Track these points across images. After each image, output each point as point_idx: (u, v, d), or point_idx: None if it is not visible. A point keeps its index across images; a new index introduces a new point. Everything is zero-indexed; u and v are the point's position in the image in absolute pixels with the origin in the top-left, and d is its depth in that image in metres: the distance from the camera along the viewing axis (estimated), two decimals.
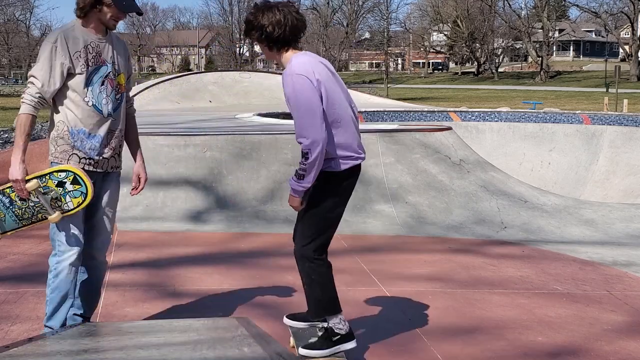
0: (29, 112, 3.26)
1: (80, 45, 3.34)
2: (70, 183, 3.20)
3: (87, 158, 3.38)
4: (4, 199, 3.31)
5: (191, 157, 7.35)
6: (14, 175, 3.24)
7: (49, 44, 3.31)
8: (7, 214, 3.34)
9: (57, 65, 3.28)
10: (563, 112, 14.05)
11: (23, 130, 3.25)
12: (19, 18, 76.75)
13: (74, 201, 3.25)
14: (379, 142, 7.76)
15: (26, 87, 3.31)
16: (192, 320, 3.17)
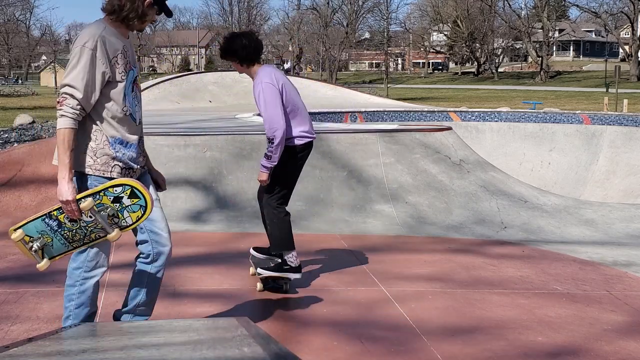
0: (72, 126, 3.01)
1: (116, 50, 3.13)
2: (127, 197, 2.98)
3: (127, 168, 3.20)
4: (51, 222, 3.06)
5: (191, 157, 7.35)
6: (65, 196, 2.98)
7: (87, 50, 3.04)
8: (54, 237, 3.08)
9: (98, 74, 3.05)
10: (563, 112, 14.05)
11: (67, 145, 2.99)
12: (19, 18, 76.80)
13: (133, 216, 3.02)
14: (379, 142, 7.76)
15: (62, 98, 3.03)
16: (192, 320, 3.17)
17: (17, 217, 6.68)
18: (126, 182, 3.00)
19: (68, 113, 3.00)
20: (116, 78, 3.12)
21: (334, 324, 4.09)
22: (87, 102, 3.04)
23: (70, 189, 2.98)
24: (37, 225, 3.07)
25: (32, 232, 3.07)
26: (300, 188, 7.27)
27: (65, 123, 3.00)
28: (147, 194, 2.99)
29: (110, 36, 3.12)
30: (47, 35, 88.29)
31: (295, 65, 77.20)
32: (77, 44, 3.07)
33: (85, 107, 3.05)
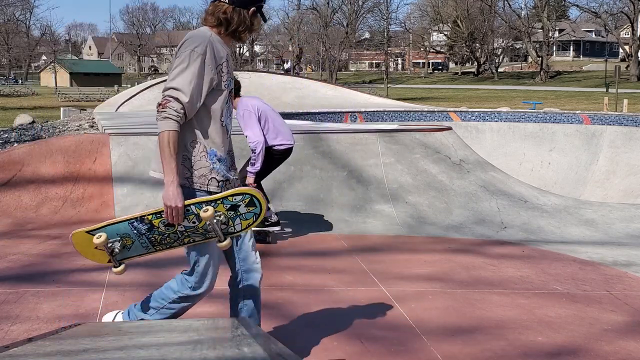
0: (176, 129, 2.86)
1: (222, 58, 3.01)
2: (245, 206, 2.89)
3: (224, 180, 3.06)
4: (141, 226, 2.94)
5: None
6: (173, 201, 2.83)
7: (198, 55, 2.92)
8: (137, 240, 2.98)
9: (207, 80, 2.93)
10: (563, 112, 14.05)
11: (173, 149, 2.84)
12: (19, 18, 76.80)
13: (244, 223, 2.94)
14: (379, 142, 7.76)
15: (165, 100, 2.89)
16: (192, 320, 3.16)
17: (17, 217, 6.68)
18: (246, 191, 2.89)
19: (172, 115, 2.85)
20: (221, 86, 3.01)
21: (334, 324, 4.09)
22: (191, 108, 2.90)
23: (179, 194, 2.84)
24: (119, 228, 2.96)
25: (112, 235, 2.97)
26: (300, 188, 7.28)
27: (170, 125, 2.84)
28: (264, 202, 2.91)
29: (216, 43, 3.01)
30: (47, 35, 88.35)
31: (295, 65, 77.17)
32: (186, 48, 2.95)
33: (188, 113, 2.90)
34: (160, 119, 2.87)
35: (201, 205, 2.86)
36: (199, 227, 2.90)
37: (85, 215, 6.79)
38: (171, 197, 2.83)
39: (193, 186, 2.96)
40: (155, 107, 2.93)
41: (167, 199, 2.84)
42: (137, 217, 2.92)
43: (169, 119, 2.85)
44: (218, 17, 3.02)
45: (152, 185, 7.10)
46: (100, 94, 46.00)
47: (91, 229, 2.97)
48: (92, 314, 4.19)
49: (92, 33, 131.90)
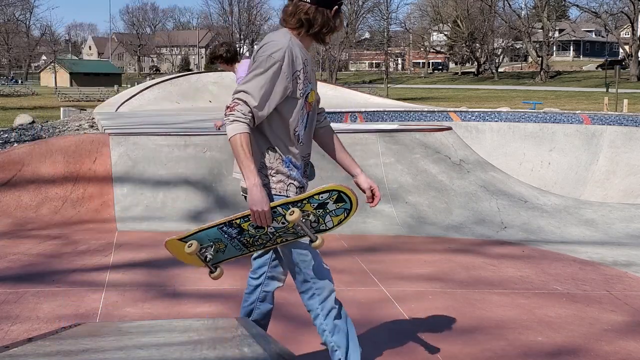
0: (247, 131, 2.74)
1: (300, 63, 2.88)
2: (333, 202, 2.79)
3: (301, 187, 2.97)
4: (231, 230, 2.88)
5: (191, 157, 7.35)
6: (260, 205, 2.73)
7: (275, 61, 2.80)
8: (229, 243, 2.93)
9: (280, 88, 2.81)
10: (563, 112, 14.05)
11: (247, 150, 2.73)
12: (19, 18, 76.82)
13: (334, 219, 2.86)
14: (378, 142, 7.76)
15: (234, 103, 2.78)
16: (192, 320, 3.16)
17: (17, 217, 6.69)
18: (334, 188, 2.78)
19: (240, 118, 2.74)
20: (296, 94, 2.87)
21: None
22: (259, 114, 2.78)
23: (264, 197, 2.74)
24: (210, 234, 2.92)
25: (204, 240, 2.95)
26: None
27: (240, 128, 2.73)
28: (353, 196, 2.81)
29: (296, 48, 2.87)
30: (47, 35, 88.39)
31: None
32: (264, 52, 2.83)
33: (256, 118, 2.79)
34: (229, 123, 2.76)
35: (288, 207, 2.78)
36: (289, 227, 2.82)
37: (85, 215, 6.79)
38: (257, 201, 2.73)
39: (277, 193, 2.87)
40: (224, 111, 2.83)
41: (253, 203, 2.74)
42: (226, 221, 2.87)
43: (238, 121, 2.74)
44: (299, 19, 2.88)
45: (152, 185, 7.10)
46: (100, 94, 46.01)
47: (183, 237, 2.97)
48: (92, 314, 4.19)
49: (92, 33, 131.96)
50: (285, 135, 2.90)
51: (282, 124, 2.88)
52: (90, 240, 6.01)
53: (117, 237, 6.20)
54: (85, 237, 6.11)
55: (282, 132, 2.89)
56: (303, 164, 3.01)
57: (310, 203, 2.79)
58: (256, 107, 2.77)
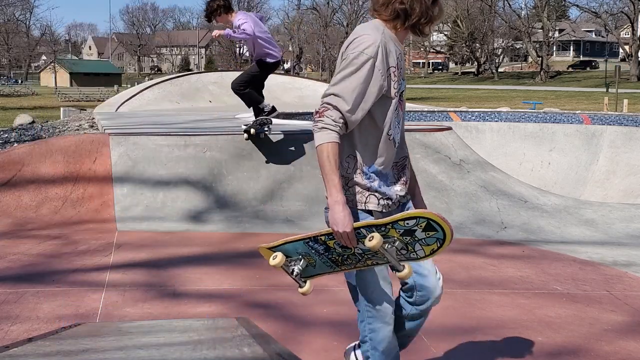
0: (336, 140, 2.48)
1: (394, 59, 2.59)
2: (422, 230, 2.50)
3: (385, 199, 2.67)
4: (317, 247, 2.66)
5: (191, 157, 7.35)
6: (341, 226, 2.48)
7: (367, 58, 2.51)
8: (318, 259, 2.71)
9: (374, 88, 2.53)
10: (563, 112, 14.05)
11: (334, 163, 2.47)
12: (19, 18, 76.83)
13: (426, 249, 2.59)
14: None
15: (323, 108, 2.52)
16: (192, 320, 3.17)
17: (17, 217, 6.69)
18: (420, 214, 2.48)
19: (330, 125, 2.48)
20: (390, 93, 2.59)
21: (334, 324, 4.09)
22: (352, 118, 2.51)
23: (347, 217, 2.48)
24: (297, 247, 2.71)
25: (292, 253, 2.73)
26: (300, 188, 7.27)
27: (328, 137, 2.47)
28: (446, 225, 2.51)
29: (389, 42, 2.59)
30: (47, 35, 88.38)
31: (295, 65, 77.20)
32: (355, 48, 2.54)
33: (348, 124, 2.52)
34: (317, 130, 2.50)
35: (371, 229, 2.50)
36: (388, 258, 2.55)
37: (85, 215, 6.79)
38: (337, 221, 2.49)
39: (349, 205, 2.56)
40: (312, 117, 2.58)
41: (334, 223, 2.50)
42: (311, 236, 2.66)
43: (327, 129, 2.48)
44: (394, 9, 2.57)
45: (152, 185, 7.10)
46: (100, 94, 46.03)
47: (271, 246, 2.78)
48: (92, 314, 4.19)
49: (92, 33, 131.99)
50: (375, 139, 2.61)
51: (374, 127, 2.60)
52: (90, 240, 6.01)
53: (117, 237, 6.20)
54: (85, 237, 6.12)
55: (372, 136, 2.61)
56: (397, 169, 2.73)
57: (395, 228, 2.49)
58: (349, 112, 2.50)
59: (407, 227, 2.49)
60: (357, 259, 2.62)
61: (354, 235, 2.50)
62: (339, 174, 2.49)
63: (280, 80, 18.11)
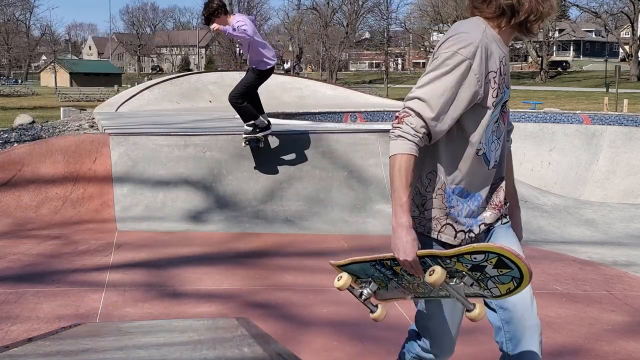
0: (412, 153, 2.13)
1: (495, 63, 2.23)
2: (493, 267, 2.14)
3: (466, 232, 2.32)
4: (385, 271, 2.37)
5: (191, 157, 7.35)
6: (402, 253, 2.15)
7: (462, 59, 2.16)
8: (389, 284, 2.42)
9: (466, 94, 2.16)
10: (563, 112, 14.05)
11: (405, 179, 2.13)
12: (19, 18, 76.85)
13: (501, 288, 2.21)
14: (378, 142, 7.76)
15: (404, 113, 2.17)
16: (192, 320, 3.17)
17: (17, 217, 6.69)
18: (489, 249, 2.11)
19: (408, 134, 2.13)
20: (486, 102, 2.21)
21: (334, 324, 4.09)
22: (436, 128, 2.16)
23: (410, 244, 2.13)
24: (365, 268, 2.44)
25: (360, 274, 2.47)
26: (300, 188, 7.28)
27: (404, 147, 2.13)
28: (522, 263, 2.14)
29: (491, 43, 2.23)
30: (47, 35, 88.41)
31: (295, 65, 77.23)
32: (449, 47, 2.19)
33: (432, 134, 2.16)
34: (393, 138, 2.17)
35: (435, 260, 2.17)
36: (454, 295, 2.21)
37: (85, 215, 6.79)
38: (399, 247, 2.15)
39: (418, 229, 2.25)
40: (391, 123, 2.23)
41: (395, 248, 2.18)
42: (377, 259, 2.37)
43: (404, 138, 2.14)
44: (499, 5, 2.23)
45: (152, 185, 7.10)
46: (100, 94, 46.05)
47: (340, 264, 2.50)
48: (92, 314, 4.19)
49: (92, 33, 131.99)
50: (460, 155, 2.26)
51: (463, 140, 2.24)
52: (90, 240, 6.01)
53: (117, 237, 6.20)
54: (85, 237, 6.12)
55: (459, 151, 2.25)
56: (490, 192, 2.36)
57: (461, 262, 2.15)
58: (433, 120, 2.14)
59: (475, 262, 2.13)
60: (429, 289, 2.29)
61: (419, 264, 2.17)
62: (409, 192, 2.14)
63: (280, 80, 18.10)
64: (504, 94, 2.28)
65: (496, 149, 2.32)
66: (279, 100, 15.92)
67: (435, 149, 2.24)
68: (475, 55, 2.16)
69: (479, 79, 2.17)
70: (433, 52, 2.27)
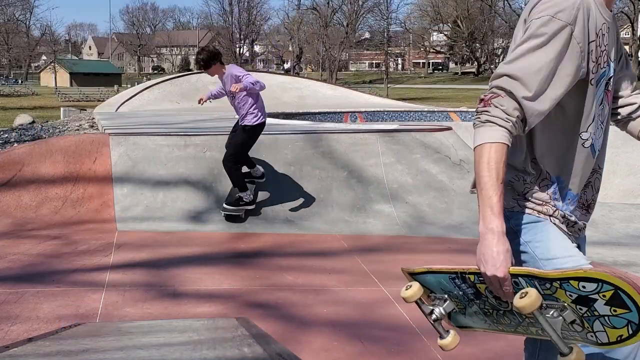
0: (504, 140, 1.77)
1: (595, 31, 1.84)
2: (605, 303, 1.62)
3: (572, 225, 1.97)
4: (466, 288, 1.91)
5: (191, 157, 7.35)
6: (491, 267, 1.73)
7: (561, 25, 1.76)
8: (468, 306, 1.95)
9: (570, 70, 1.78)
10: None
11: (496, 172, 1.77)
12: (19, 18, 76.86)
13: (611, 333, 1.65)
14: (378, 142, 7.76)
15: (491, 94, 1.81)
16: (192, 320, 3.17)
17: (17, 217, 6.69)
18: (606, 279, 1.60)
19: (499, 118, 1.77)
20: (589, 77, 1.84)
21: (334, 324, 4.09)
22: (533, 112, 1.77)
23: (502, 255, 1.71)
24: (441, 280, 1.98)
25: (434, 288, 2.00)
26: (301, 188, 7.28)
27: (494, 134, 1.78)
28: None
29: (592, 6, 1.84)
30: (47, 35, 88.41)
31: (295, 65, 77.27)
32: (543, 11, 1.79)
33: (528, 117, 1.78)
34: (479, 124, 1.84)
35: (532, 281, 1.71)
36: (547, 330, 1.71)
37: (85, 215, 6.79)
38: (487, 258, 1.74)
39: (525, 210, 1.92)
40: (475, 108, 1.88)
41: (481, 260, 1.76)
42: (458, 271, 1.94)
43: (493, 123, 1.79)
44: None
45: (152, 185, 7.10)
46: (100, 94, 46.07)
47: (413, 271, 2.04)
48: (92, 314, 4.19)
49: (92, 33, 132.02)
50: (565, 143, 1.90)
51: (564, 125, 1.88)
52: (90, 240, 6.01)
53: (117, 237, 6.20)
54: (85, 237, 6.12)
55: (560, 138, 1.89)
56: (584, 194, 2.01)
57: (564, 289, 1.67)
58: (529, 99, 1.75)
59: (583, 293, 1.64)
60: (517, 321, 1.82)
61: (510, 283, 1.71)
62: (501, 191, 1.76)
63: (280, 80, 18.11)
64: (608, 69, 1.90)
65: (600, 136, 1.97)
66: (279, 100, 15.93)
67: (536, 132, 1.89)
68: (577, 19, 1.78)
69: (582, 49, 1.79)
70: (523, 19, 1.89)
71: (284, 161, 7.42)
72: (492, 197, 1.76)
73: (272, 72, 23.41)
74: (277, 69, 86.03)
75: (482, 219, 1.76)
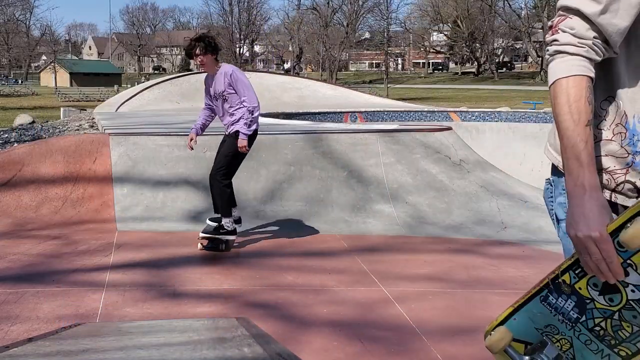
0: (585, 73, 1.45)
1: None
2: None
3: None
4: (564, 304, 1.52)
5: (191, 157, 7.35)
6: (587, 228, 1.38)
7: None
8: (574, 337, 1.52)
9: None
10: None
11: (578, 113, 1.43)
12: (19, 18, 76.85)
13: None
14: (378, 142, 7.76)
15: (559, 19, 1.51)
16: (192, 320, 3.17)
17: (17, 217, 6.69)
18: None
19: (571, 45, 1.47)
20: None
21: (334, 324, 4.09)
22: (610, 27, 1.46)
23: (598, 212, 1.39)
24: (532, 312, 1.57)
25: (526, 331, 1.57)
26: (300, 188, 7.28)
27: (570, 66, 1.46)
28: None
29: None
30: (47, 35, 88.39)
31: (295, 65, 77.25)
32: None
33: (610, 40, 1.47)
34: (549, 59, 1.52)
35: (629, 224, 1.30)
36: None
37: (85, 215, 6.79)
38: (577, 219, 1.40)
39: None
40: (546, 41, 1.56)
41: (572, 224, 1.42)
42: (548, 279, 1.56)
43: (565, 53, 1.47)
44: None
45: (152, 185, 7.10)
46: (100, 94, 46.07)
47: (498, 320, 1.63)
48: (92, 314, 4.19)
49: (92, 33, 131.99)
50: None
51: None
52: (90, 240, 6.01)
53: (117, 237, 6.20)
54: (85, 237, 6.12)
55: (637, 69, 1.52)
56: None
57: None
58: (602, 13, 1.45)
59: None
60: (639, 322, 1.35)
61: (612, 246, 1.34)
62: (589, 134, 1.42)
63: (280, 80, 18.11)
64: None
65: None
66: (279, 100, 15.93)
67: (613, 66, 1.54)
68: None
69: None
70: None
71: (284, 161, 7.42)
72: (577, 144, 1.41)
73: (272, 72, 23.43)
74: (277, 69, 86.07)
75: (568, 174, 1.42)
